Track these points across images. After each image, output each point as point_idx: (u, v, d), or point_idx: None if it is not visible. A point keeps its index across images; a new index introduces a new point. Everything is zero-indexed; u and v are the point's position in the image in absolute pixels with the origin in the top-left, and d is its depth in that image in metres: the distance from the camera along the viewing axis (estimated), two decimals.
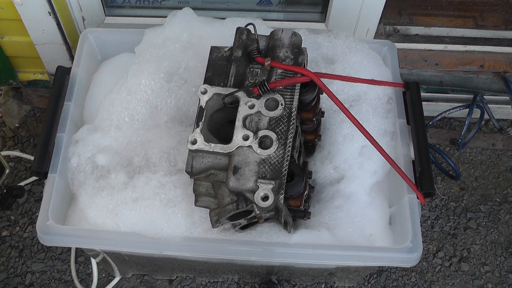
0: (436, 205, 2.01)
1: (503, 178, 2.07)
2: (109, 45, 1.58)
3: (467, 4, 2.03)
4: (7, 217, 1.95)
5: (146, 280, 1.85)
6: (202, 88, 1.20)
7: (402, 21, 1.96)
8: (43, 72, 1.99)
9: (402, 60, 1.86)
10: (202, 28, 1.49)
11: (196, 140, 1.15)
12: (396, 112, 1.44)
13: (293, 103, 1.17)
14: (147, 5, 1.84)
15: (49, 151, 1.35)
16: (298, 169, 1.17)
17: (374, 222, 1.36)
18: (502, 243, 1.95)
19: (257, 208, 1.13)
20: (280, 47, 1.23)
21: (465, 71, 1.90)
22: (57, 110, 1.41)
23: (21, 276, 1.86)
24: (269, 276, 1.78)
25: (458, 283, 1.88)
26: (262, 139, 1.15)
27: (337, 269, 1.64)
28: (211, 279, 1.85)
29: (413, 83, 1.45)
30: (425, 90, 1.95)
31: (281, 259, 1.32)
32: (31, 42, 1.80)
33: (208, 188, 1.19)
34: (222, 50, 1.27)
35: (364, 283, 1.86)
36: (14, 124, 2.13)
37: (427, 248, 1.93)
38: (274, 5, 1.82)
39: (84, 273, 1.86)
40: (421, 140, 1.37)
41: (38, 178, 1.91)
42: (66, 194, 1.37)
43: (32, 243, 1.91)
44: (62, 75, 1.46)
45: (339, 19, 1.76)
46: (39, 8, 1.65)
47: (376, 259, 1.28)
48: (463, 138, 1.95)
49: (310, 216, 1.29)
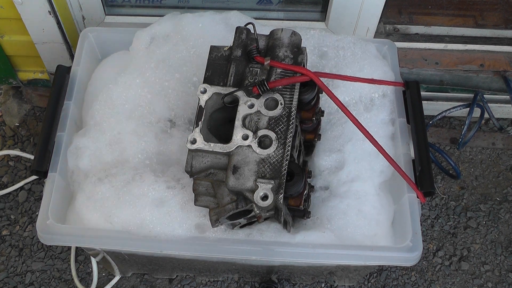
0: (436, 204, 2.01)
1: (503, 177, 2.07)
2: (109, 44, 1.58)
3: (467, 3, 2.03)
4: (7, 216, 1.95)
5: (146, 279, 1.85)
6: (202, 87, 1.20)
7: (402, 20, 1.96)
8: (43, 71, 1.99)
9: (402, 59, 1.86)
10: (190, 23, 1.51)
11: (195, 139, 1.15)
12: (396, 112, 1.44)
13: (293, 102, 1.17)
14: (147, 4, 1.84)
15: (49, 150, 1.36)
16: (298, 168, 1.17)
17: (380, 222, 1.35)
18: (502, 242, 1.95)
19: (256, 207, 1.13)
20: (280, 47, 1.23)
21: (465, 70, 1.90)
22: (57, 109, 1.41)
23: (21, 275, 1.86)
24: (269, 275, 1.78)
25: (458, 282, 1.88)
26: (261, 139, 1.15)
27: (337, 268, 1.65)
28: (211, 278, 1.85)
29: (413, 82, 1.45)
30: (425, 89, 1.95)
31: (281, 259, 1.32)
32: (31, 41, 1.80)
33: (207, 188, 1.19)
34: (222, 50, 1.27)
35: (364, 282, 1.86)
36: (14, 123, 2.13)
37: (427, 247, 1.93)
38: (274, 4, 1.82)
39: (84, 272, 1.86)
40: (421, 140, 1.37)
41: (38, 177, 1.92)
42: (66, 193, 1.37)
43: (32, 242, 1.91)
44: (62, 74, 1.46)
45: (339, 18, 1.76)
46: (39, 7, 1.65)
47: (376, 258, 1.28)
48: (463, 137, 1.95)
49: (310, 215, 1.29)
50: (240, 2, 1.82)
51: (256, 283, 1.85)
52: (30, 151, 2.06)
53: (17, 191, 2.00)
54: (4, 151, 2.05)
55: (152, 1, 1.84)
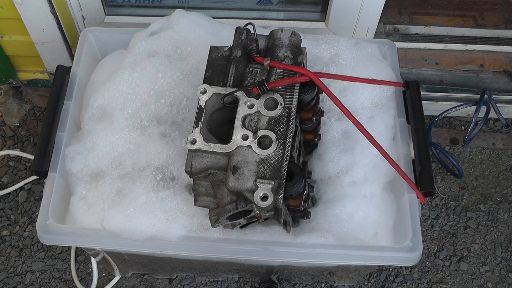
0: (436, 204, 2.01)
1: (503, 177, 2.07)
2: (109, 44, 1.58)
3: (467, 3, 2.03)
4: (7, 216, 1.95)
5: (146, 279, 1.85)
6: (202, 87, 1.20)
7: (402, 20, 1.96)
8: (43, 71, 1.99)
9: (402, 59, 1.86)
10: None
11: (195, 140, 1.15)
12: (396, 111, 1.44)
13: (293, 102, 1.17)
14: (147, 4, 1.84)
15: (49, 150, 1.36)
16: (298, 168, 1.17)
17: (383, 222, 1.35)
18: (502, 242, 1.95)
19: (256, 208, 1.13)
20: (280, 47, 1.23)
21: (465, 70, 1.90)
22: (57, 109, 1.41)
23: (21, 276, 1.86)
24: (269, 275, 1.78)
25: (458, 282, 1.88)
26: (261, 139, 1.15)
27: (337, 268, 1.65)
28: (211, 278, 1.85)
29: (413, 83, 1.45)
30: (425, 90, 1.95)
31: (281, 259, 1.32)
32: (31, 41, 1.80)
33: (207, 188, 1.19)
34: (222, 50, 1.26)
35: (364, 282, 1.86)
36: (14, 123, 2.13)
37: (427, 247, 1.93)
38: (274, 5, 1.82)
39: (84, 272, 1.86)
40: (421, 140, 1.37)
41: (38, 177, 1.92)
42: (66, 193, 1.37)
43: (32, 242, 1.91)
44: (62, 74, 1.46)
45: (339, 18, 1.76)
46: (39, 7, 1.65)
47: (376, 258, 1.28)
48: (469, 134, 1.94)
49: (309, 215, 1.29)
50: (240, 2, 1.82)
51: (256, 283, 1.85)
52: (30, 151, 2.06)
53: (17, 191, 2.00)
54: (4, 151, 2.05)
55: (152, 1, 1.84)
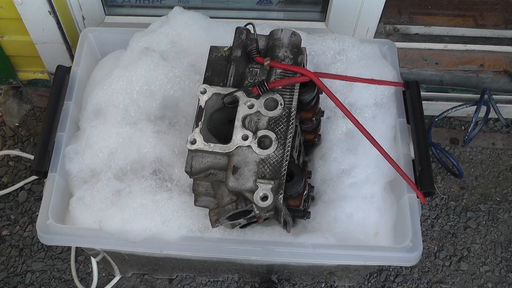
0: (436, 204, 2.01)
1: (503, 177, 2.07)
2: (109, 44, 1.58)
3: (467, 3, 2.03)
4: (7, 216, 1.95)
5: (146, 279, 1.85)
6: (202, 88, 1.20)
7: (402, 20, 1.96)
8: (43, 71, 1.99)
9: (402, 59, 1.86)
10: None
11: (195, 140, 1.15)
12: (396, 111, 1.44)
13: (293, 103, 1.17)
14: (147, 4, 1.84)
15: (49, 150, 1.36)
16: (298, 169, 1.17)
17: (383, 222, 1.35)
18: (502, 243, 1.95)
19: (256, 208, 1.13)
20: (280, 47, 1.23)
21: (465, 70, 1.90)
22: (57, 109, 1.41)
23: (21, 275, 1.86)
24: (269, 275, 1.78)
25: (458, 282, 1.88)
26: (261, 139, 1.15)
27: (337, 268, 1.65)
28: (211, 278, 1.85)
29: (413, 83, 1.45)
30: (425, 90, 1.95)
31: (281, 259, 1.32)
32: (31, 41, 1.80)
33: (207, 188, 1.19)
34: (222, 50, 1.26)
35: (364, 282, 1.86)
36: (14, 123, 2.13)
37: (427, 247, 1.93)
38: (274, 4, 1.82)
39: (84, 272, 1.87)
40: (421, 140, 1.37)
41: (38, 177, 1.91)
42: (66, 193, 1.37)
43: (32, 242, 1.91)
44: (62, 74, 1.46)
45: (339, 18, 1.76)
46: (39, 7, 1.65)
47: (376, 258, 1.28)
48: (469, 134, 1.94)
49: (309, 215, 1.29)
50: (240, 2, 1.82)
51: (256, 283, 1.85)
52: (30, 151, 2.06)
53: (17, 191, 2.00)
54: (4, 151, 2.05)
55: (152, 1, 1.83)
